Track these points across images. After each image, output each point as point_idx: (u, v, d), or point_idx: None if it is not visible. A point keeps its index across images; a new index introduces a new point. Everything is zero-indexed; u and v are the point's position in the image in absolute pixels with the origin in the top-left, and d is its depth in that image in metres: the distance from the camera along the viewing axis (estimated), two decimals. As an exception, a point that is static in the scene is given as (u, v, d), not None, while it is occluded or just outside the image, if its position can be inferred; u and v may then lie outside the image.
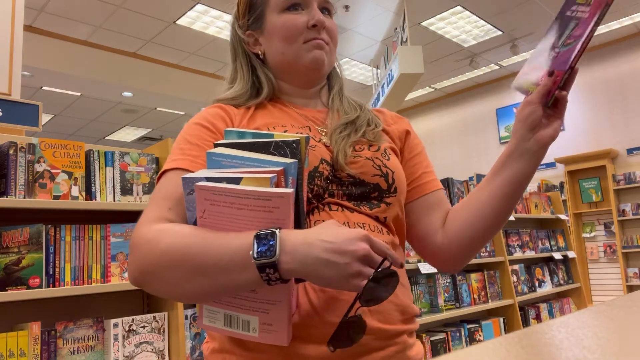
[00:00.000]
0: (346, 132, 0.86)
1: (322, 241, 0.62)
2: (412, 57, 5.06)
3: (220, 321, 0.68)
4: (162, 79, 6.60)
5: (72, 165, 1.69)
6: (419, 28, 6.03)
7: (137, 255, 0.70)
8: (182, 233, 0.68)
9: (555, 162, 7.11)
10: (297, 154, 0.68)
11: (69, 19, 5.36)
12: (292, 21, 0.86)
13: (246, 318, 0.67)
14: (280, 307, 0.65)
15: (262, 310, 0.66)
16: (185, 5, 5.26)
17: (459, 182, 3.19)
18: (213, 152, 0.68)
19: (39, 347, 1.48)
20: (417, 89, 8.06)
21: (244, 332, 0.67)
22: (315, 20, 0.86)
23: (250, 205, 0.62)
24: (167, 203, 0.74)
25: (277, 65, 0.91)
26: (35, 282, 1.52)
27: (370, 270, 0.63)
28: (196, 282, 0.66)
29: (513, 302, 3.21)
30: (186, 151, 0.80)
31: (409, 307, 0.81)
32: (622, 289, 6.33)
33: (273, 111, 0.89)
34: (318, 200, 0.80)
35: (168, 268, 0.67)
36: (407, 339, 0.80)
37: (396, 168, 0.85)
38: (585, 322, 0.39)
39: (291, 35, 0.86)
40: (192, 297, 0.70)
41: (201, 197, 0.63)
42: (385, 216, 0.83)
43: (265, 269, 0.61)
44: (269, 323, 0.66)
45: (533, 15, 5.96)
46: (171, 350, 1.75)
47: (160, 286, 0.70)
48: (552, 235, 3.99)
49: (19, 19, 2.65)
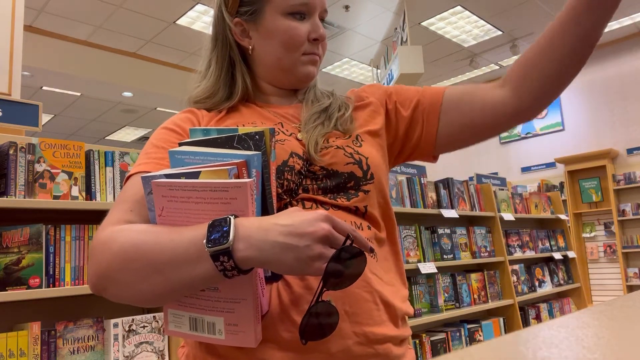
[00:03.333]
0: (319, 121, 0.83)
1: (279, 225, 0.59)
2: (412, 57, 5.06)
3: (185, 325, 0.66)
4: (162, 79, 6.60)
5: (72, 165, 1.69)
6: (419, 28, 6.03)
7: (92, 260, 0.67)
8: (135, 231, 0.65)
9: (555, 162, 7.11)
10: (260, 146, 0.66)
11: (69, 19, 5.36)
12: (296, 30, 0.83)
13: (211, 319, 0.64)
14: (245, 305, 0.62)
15: (226, 310, 0.63)
16: (185, 5, 5.26)
17: (459, 182, 3.19)
18: (175, 151, 0.66)
19: (39, 347, 1.48)
20: (417, 89, 8.05)
21: (210, 335, 0.64)
22: (318, 35, 0.85)
23: (208, 197, 0.60)
24: (127, 205, 0.71)
25: (267, 65, 0.87)
26: (35, 282, 1.52)
27: (332, 251, 0.59)
28: (152, 280, 0.62)
29: (513, 302, 3.21)
30: (151, 155, 0.78)
31: (394, 305, 0.76)
32: (622, 289, 6.33)
33: (244, 111, 0.87)
34: (290, 196, 0.76)
35: (121, 269, 0.63)
36: (391, 348, 0.73)
37: (370, 153, 0.81)
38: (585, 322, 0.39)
39: (293, 45, 0.84)
40: (151, 298, 0.65)
41: (158, 194, 0.62)
42: (365, 205, 0.79)
43: (219, 257, 0.57)
44: (235, 323, 0.63)
45: (533, 15, 5.96)
46: (171, 350, 1.75)
47: (117, 289, 0.65)
48: (552, 235, 3.99)
49: (19, 19, 2.65)
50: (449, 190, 3.05)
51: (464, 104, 0.86)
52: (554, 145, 7.26)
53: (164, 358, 1.73)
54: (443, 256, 2.86)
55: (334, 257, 0.59)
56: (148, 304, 0.67)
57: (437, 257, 2.83)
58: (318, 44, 0.86)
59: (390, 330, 0.74)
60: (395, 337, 0.75)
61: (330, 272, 0.59)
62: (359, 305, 0.71)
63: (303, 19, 0.84)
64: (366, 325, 0.71)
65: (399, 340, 0.76)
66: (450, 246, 2.94)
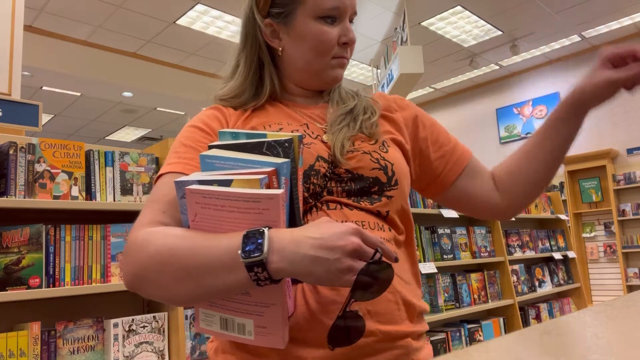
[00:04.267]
0: (344, 123, 0.84)
1: (310, 238, 0.60)
2: (412, 57, 5.06)
3: (216, 324, 0.68)
4: (162, 79, 6.60)
5: (72, 165, 1.69)
6: (419, 28, 6.03)
7: (129, 259, 0.69)
8: (171, 235, 0.67)
9: (555, 162, 7.10)
10: (289, 154, 0.67)
11: (69, 19, 5.36)
12: (327, 35, 0.83)
13: (241, 321, 0.66)
14: (274, 310, 0.64)
15: (256, 313, 0.65)
16: (185, 5, 5.26)
17: (459, 182, 3.18)
18: (206, 155, 0.68)
19: (39, 347, 1.48)
20: (417, 89, 8.06)
21: (240, 335, 0.66)
22: (348, 39, 0.85)
23: (241, 207, 0.62)
24: (160, 206, 0.74)
25: (296, 67, 0.88)
26: (35, 282, 1.52)
27: (361, 264, 0.61)
28: (186, 284, 0.64)
29: (513, 302, 3.21)
30: (181, 154, 0.80)
31: (413, 304, 0.79)
32: (622, 289, 6.33)
33: (270, 110, 0.88)
34: (316, 199, 0.78)
35: (157, 271, 0.66)
36: (411, 342, 0.77)
37: (395, 159, 0.83)
38: (585, 322, 0.39)
39: (324, 50, 0.84)
40: (184, 300, 0.68)
41: (192, 200, 0.63)
42: (387, 210, 0.81)
43: (253, 268, 0.59)
44: (264, 326, 0.65)
45: (533, 15, 5.96)
46: (171, 350, 1.75)
47: (152, 290, 0.68)
48: (552, 235, 3.99)
49: (19, 19, 2.65)
50: (449, 190, 3.05)
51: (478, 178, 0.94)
52: (554, 145, 7.25)
53: (164, 358, 1.73)
54: (443, 256, 2.86)
55: (363, 270, 0.61)
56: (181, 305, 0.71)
57: (437, 257, 2.83)
58: (347, 48, 0.87)
59: (409, 327, 0.77)
60: (414, 332, 0.78)
61: (359, 284, 0.61)
62: (382, 305, 0.74)
63: (334, 23, 0.84)
64: (387, 324, 0.74)
65: (417, 335, 0.80)
66: (450, 246, 2.94)
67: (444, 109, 8.71)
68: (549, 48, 6.97)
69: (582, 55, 7.13)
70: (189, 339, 1.80)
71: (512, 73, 7.81)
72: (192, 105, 7.29)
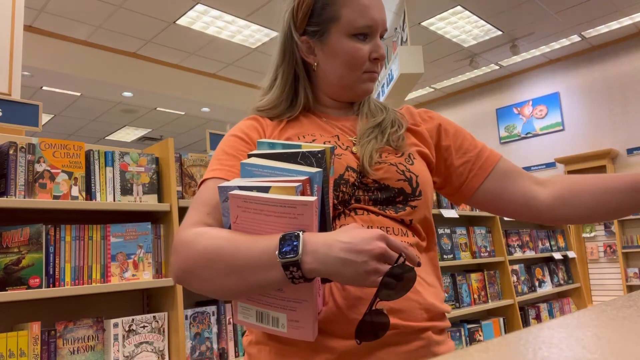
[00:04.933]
0: (372, 136, 0.90)
1: (341, 242, 0.66)
2: (412, 57, 5.06)
3: (252, 317, 0.75)
4: (162, 79, 6.60)
5: (72, 165, 1.69)
6: (419, 28, 6.03)
7: (178, 255, 0.76)
8: (217, 236, 0.74)
9: (555, 162, 7.11)
10: (322, 164, 0.74)
11: (69, 19, 5.36)
12: (360, 52, 0.89)
13: (275, 315, 0.73)
14: (306, 305, 0.70)
15: (289, 308, 0.72)
16: (185, 5, 5.26)
17: (459, 182, 3.18)
18: (246, 163, 0.75)
19: (39, 347, 1.48)
20: (417, 89, 8.06)
21: (274, 328, 0.73)
22: (379, 55, 0.91)
23: (278, 212, 0.68)
24: (205, 209, 0.81)
25: (329, 81, 0.94)
26: (35, 282, 1.52)
27: (386, 267, 0.66)
28: (229, 279, 0.71)
29: (513, 302, 3.21)
30: (223, 162, 0.87)
31: (434, 305, 0.84)
32: (622, 289, 6.33)
33: (304, 122, 0.94)
34: (344, 206, 0.84)
35: (205, 267, 0.73)
36: (432, 335, 0.82)
37: (420, 172, 0.88)
38: (585, 322, 0.39)
39: (356, 65, 0.90)
40: (227, 293, 0.75)
41: (234, 204, 0.70)
42: (411, 219, 0.87)
43: (289, 267, 0.66)
44: (296, 320, 0.71)
45: (533, 15, 5.96)
46: (171, 350, 1.75)
47: (198, 283, 0.75)
48: (552, 235, 3.99)
49: (19, 19, 2.65)
50: (449, 190, 3.05)
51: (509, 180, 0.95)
52: (554, 145, 7.26)
53: (164, 358, 1.73)
54: (443, 256, 2.86)
55: (388, 273, 0.67)
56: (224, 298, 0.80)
57: (437, 257, 2.83)
58: (378, 63, 0.92)
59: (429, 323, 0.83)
60: (434, 327, 0.84)
61: (384, 285, 0.67)
62: (405, 304, 0.79)
63: (365, 39, 0.90)
64: (408, 321, 0.80)
65: (438, 330, 0.85)
66: (450, 246, 2.94)
67: (444, 109, 8.71)
68: (549, 48, 6.97)
69: (582, 55, 7.13)
70: (189, 339, 1.80)
71: (512, 73, 7.81)
72: (192, 105, 7.29)
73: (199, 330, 1.83)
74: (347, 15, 0.88)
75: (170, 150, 1.88)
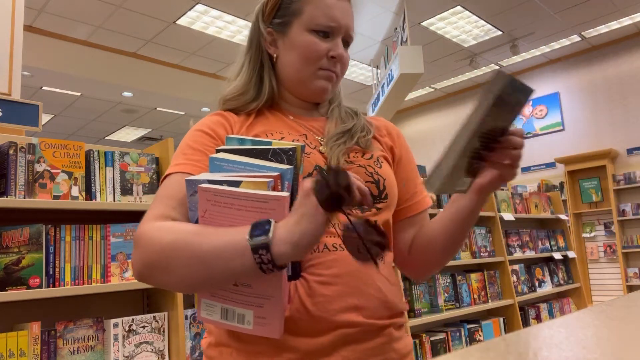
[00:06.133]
0: (342, 140, 0.91)
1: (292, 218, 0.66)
2: (412, 57, 5.06)
3: (217, 314, 0.73)
4: (162, 79, 6.60)
5: (72, 165, 1.69)
6: (419, 28, 6.03)
7: (140, 250, 0.74)
8: (184, 230, 0.73)
9: (555, 162, 7.11)
10: (293, 161, 0.73)
11: (69, 19, 5.36)
12: (316, 45, 0.90)
13: (241, 312, 0.72)
14: (273, 302, 0.70)
15: (256, 304, 0.71)
16: (185, 5, 5.26)
17: (459, 182, 3.18)
18: (215, 157, 0.74)
19: (39, 347, 1.48)
20: (417, 89, 8.05)
21: (239, 325, 0.72)
22: (337, 53, 0.91)
23: (248, 206, 0.68)
24: (171, 202, 0.79)
25: (287, 75, 0.95)
26: (35, 282, 1.52)
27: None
28: (194, 269, 0.70)
29: (513, 302, 3.21)
30: (189, 156, 0.86)
31: (395, 303, 0.87)
32: (622, 289, 6.33)
33: (271, 119, 0.95)
34: None
35: (169, 257, 0.71)
36: (393, 332, 0.86)
37: (387, 175, 0.91)
38: (585, 322, 0.39)
39: (311, 58, 0.91)
40: (192, 284, 0.74)
41: (203, 197, 0.69)
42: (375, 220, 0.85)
43: (258, 250, 0.64)
44: (263, 317, 0.71)
45: (533, 15, 5.96)
46: (171, 350, 1.75)
47: (162, 277, 0.73)
48: (552, 235, 3.99)
49: (19, 19, 2.65)
50: (449, 190, 3.05)
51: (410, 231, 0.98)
52: (554, 145, 7.26)
53: (164, 358, 1.73)
54: (443, 256, 2.85)
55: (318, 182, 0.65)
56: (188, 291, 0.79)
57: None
58: (336, 62, 0.92)
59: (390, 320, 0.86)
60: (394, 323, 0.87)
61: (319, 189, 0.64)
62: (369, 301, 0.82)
63: (326, 37, 0.91)
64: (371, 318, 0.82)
65: (397, 326, 0.88)
66: (450, 246, 2.93)
67: (444, 109, 8.71)
68: (549, 48, 6.97)
69: (582, 55, 7.13)
70: (189, 339, 1.80)
71: (512, 73, 7.81)
72: (192, 105, 7.29)
73: (199, 330, 1.83)
74: (309, 11, 0.90)
75: (170, 150, 1.88)
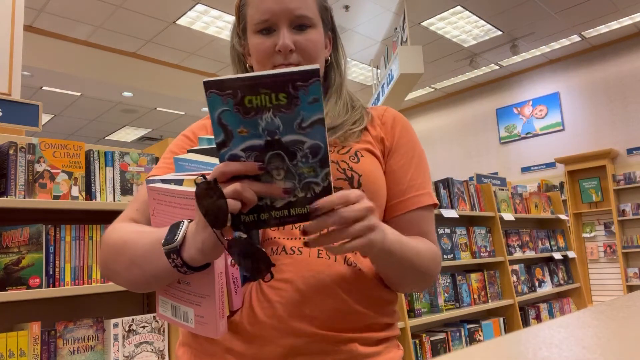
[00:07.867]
0: None
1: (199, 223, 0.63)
2: (412, 57, 5.06)
3: (169, 311, 0.76)
4: (162, 79, 6.60)
5: (72, 165, 1.69)
6: (419, 28, 6.03)
7: (100, 250, 0.81)
8: (127, 230, 0.77)
9: (555, 162, 7.11)
10: None
11: (69, 19, 5.36)
12: (260, 46, 0.86)
13: (185, 309, 0.73)
14: (209, 301, 0.69)
15: (195, 303, 0.72)
16: (185, 5, 5.26)
17: (459, 182, 3.19)
18: (179, 158, 0.76)
19: (39, 347, 1.48)
20: (417, 89, 8.06)
21: (184, 323, 0.73)
22: (279, 46, 0.84)
23: (181, 203, 0.69)
24: (135, 205, 0.84)
25: None
26: (35, 282, 1.52)
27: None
28: (132, 271, 0.74)
29: (513, 302, 3.21)
30: (166, 160, 0.88)
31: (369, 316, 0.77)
32: (622, 289, 6.33)
33: None
34: None
35: (113, 260, 0.76)
36: (358, 347, 0.75)
37: (364, 171, 0.81)
38: (585, 322, 0.39)
39: (262, 60, 0.87)
40: (136, 284, 0.76)
41: (151, 196, 0.72)
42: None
43: (170, 255, 0.65)
44: (201, 315, 0.71)
45: (533, 15, 5.96)
46: (171, 350, 1.75)
47: (113, 277, 0.78)
48: (552, 235, 3.99)
49: (19, 19, 2.65)
50: (449, 190, 3.05)
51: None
52: (554, 145, 7.26)
53: (164, 358, 1.73)
54: (443, 256, 2.86)
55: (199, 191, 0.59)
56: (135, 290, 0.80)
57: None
58: (284, 55, 0.84)
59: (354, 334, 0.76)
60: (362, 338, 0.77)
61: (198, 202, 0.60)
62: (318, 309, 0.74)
63: (271, 33, 0.86)
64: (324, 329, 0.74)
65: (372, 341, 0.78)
66: (450, 246, 2.94)
67: (444, 109, 8.71)
68: (549, 48, 6.97)
69: (582, 55, 7.13)
70: (189, 339, 1.80)
71: (512, 73, 7.81)
72: (192, 105, 7.29)
73: (199, 330, 1.83)
74: (250, 14, 0.88)
75: (170, 150, 1.88)
